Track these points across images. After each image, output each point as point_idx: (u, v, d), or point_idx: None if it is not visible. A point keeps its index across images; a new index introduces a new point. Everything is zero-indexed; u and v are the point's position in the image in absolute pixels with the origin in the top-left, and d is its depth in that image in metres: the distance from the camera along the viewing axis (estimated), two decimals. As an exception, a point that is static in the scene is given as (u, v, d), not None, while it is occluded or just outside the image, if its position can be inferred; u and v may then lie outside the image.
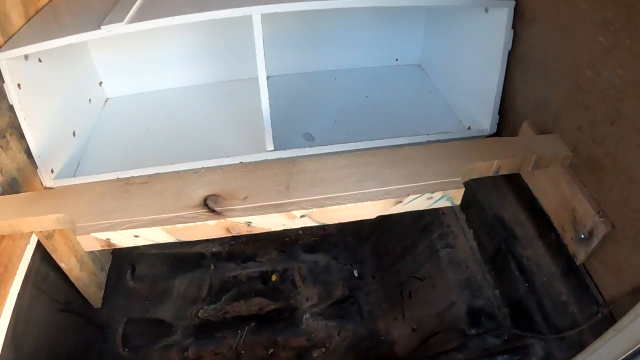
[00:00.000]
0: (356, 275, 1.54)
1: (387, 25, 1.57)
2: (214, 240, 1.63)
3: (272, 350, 1.38)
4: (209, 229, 0.82)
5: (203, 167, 1.12)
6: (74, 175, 1.20)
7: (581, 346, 0.92)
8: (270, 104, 1.14)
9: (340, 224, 1.61)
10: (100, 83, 1.52)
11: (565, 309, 1.01)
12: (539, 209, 1.08)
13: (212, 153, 1.18)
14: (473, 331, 1.16)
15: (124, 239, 0.81)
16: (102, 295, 1.41)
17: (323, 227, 1.66)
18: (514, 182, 1.16)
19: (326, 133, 1.31)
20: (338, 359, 1.36)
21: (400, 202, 0.84)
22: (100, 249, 0.82)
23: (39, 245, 1.14)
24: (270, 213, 0.81)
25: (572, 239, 0.98)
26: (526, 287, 1.11)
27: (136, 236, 0.80)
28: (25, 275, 1.08)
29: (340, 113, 1.40)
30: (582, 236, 0.94)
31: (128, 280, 1.50)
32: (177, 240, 0.83)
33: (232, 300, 1.49)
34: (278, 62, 1.51)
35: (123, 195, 0.86)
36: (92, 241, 0.81)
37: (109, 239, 0.81)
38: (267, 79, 1.11)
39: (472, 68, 1.29)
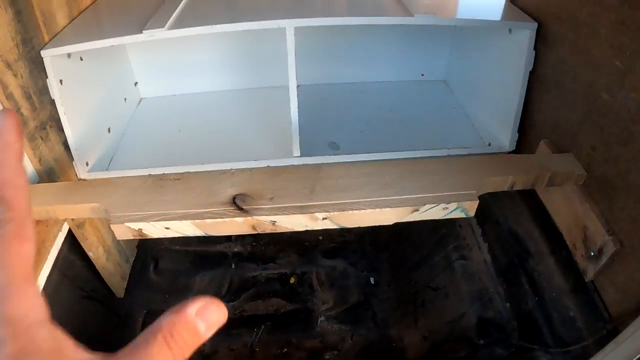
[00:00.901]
0: (372, 282, 1.57)
1: (414, 41, 1.61)
2: (236, 240, 1.69)
3: (285, 349, 1.42)
4: (236, 225, 0.87)
5: (232, 168, 1.16)
6: (107, 170, 1.25)
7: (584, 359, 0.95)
8: (298, 111, 1.18)
9: (359, 232, 1.68)
10: (136, 83, 1.58)
11: (572, 324, 1.04)
12: (553, 226, 1.11)
13: (240, 155, 1.22)
14: (482, 341, 1.19)
15: (156, 230, 0.86)
16: (125, 285, 1.47)
17: (342, 234, 1.70)
18: (529, 199, 1.19)
19: (351, 143, 1.34)
20: (349, 363, 1.40)
21: (417, 210, 0.88)
22: (132, 238, 0.87)
23: (69, 233, 1.19)
24: (294, 214, 0.86)
25: (582, 256, 1.01)
26: (535, 301, 1.14)
27: (167, 228, 0.85)
28: (54, 261, 1.14)
29: (366, 124, 1.44)
30: (592, 253, 0.97)
31: (151, 274, 1.55)
32: (205, 235, 0.88)
33: (251, 299, 1.53)
34: (307, 73, 1.54)
35: (157, 190, 0.92)
36: (125, 230, 0.86)
37: (141, 229, 0.86)
38: (297, 87, 1.15)
39: (494, 86, 1.33)
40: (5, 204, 0.29)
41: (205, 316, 0.31)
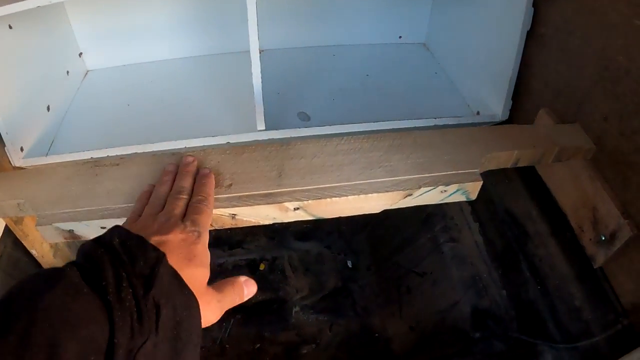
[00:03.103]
0: (350, 265, 1.45)
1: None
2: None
3: (259, 344, 1.29)
4: (186, 223, 0.72)
5: (185, 147, 1.01)
6: (46, 154, 1.09)
7: (595, 357, 0.86)
8: (262, 79, 1.02)
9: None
10: (80, 54, 1.40)
11: (579, 315, 0.92)
12: (554, 205, 0.98)
13: (196, 131, 1.08)
14: (477, 334, 1.07)
15: (90, 230, 0.69)
16: (78, 282, 1.30)
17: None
18: (526, 174, 1.06)
19: (323, 112, 1.21)
20: (329, 356, 1.27)
21: (410, 195, 0.74)
22: (64, 241, 0.71)
23: (9, 230, 1.04)
24: (259, 204, 0.70)
25: (590, 240, 0.89)
26: (536, 288, 1.02)
27: (103, 228, 0.69)
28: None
29: (338, 92, 1.29)
30: (603, 238, 0.85)
31: (106, 266, 1.40)
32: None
33: (217, 290, 1.39)
34: (272, 35, 1.41)
35: (91, 179, 0.75)
36: (54, 233, 0.70)
37: (72, 230, 0.69)
38: (260, 52, 1.00)
39: (484, 48, 1.18)
40: (201, 225, 0.61)
41: (247, 285, 0.62)
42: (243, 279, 0.62)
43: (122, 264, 0.46)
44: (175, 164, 0.75)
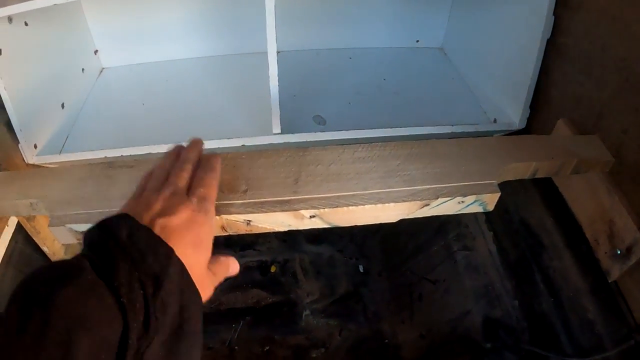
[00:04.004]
0: (362, 270, 1.44)
1: (408, 3, 1.45)
2: (210, 225, 1.54)
3: (268, 347, 1.29)
4: (200, 227, 0.71)
5: (200, 149, 1.01)
6: (60, 152, 1.09)
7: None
8: (278, 81, 1.01)
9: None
10: (96, 51, 1.40)
11: (591, 329, 0.91)
12: (570, 217, 0.96)
13: (211, 132, 1.08)
14: (489, 345, 1.06)
15: (103, 232, 0.70)
16: (89, 280, 1.30)
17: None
18: (542, 184, 1.05)
19: (339, 116, 1.19)
20: (338, 361, 1.27)
21: (428, 205, 0.73)
22: (77, 242, 0.71)
23: (21, 226, 1.03)
24: (275, 211, 0.70)
25: (606, 253, 0.87)
26: (549, 300, 1.01)
27: (117, 230, 0.69)
28: (5, 257, 0.98)
29: (354, 95, 1.28)
30: (619, 252, 0.84)
31: (118, 265, 1.40)
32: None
33: (228, 291, 1.38)
34: (289, 37, 1.40)
35: (105, 181, 0.74)
36: (67, 234, 0.70)
37: (86, 233, 0.70)
38: (277, 54, 0.99)
39: (502, 56, 1.17)
40: (209, 200, 0.59)
41: (232, 264, 0.64)
42: (231, 259, 0.63)
43: (133, 262, 0.45)
44: (182, 145, 0.71)
